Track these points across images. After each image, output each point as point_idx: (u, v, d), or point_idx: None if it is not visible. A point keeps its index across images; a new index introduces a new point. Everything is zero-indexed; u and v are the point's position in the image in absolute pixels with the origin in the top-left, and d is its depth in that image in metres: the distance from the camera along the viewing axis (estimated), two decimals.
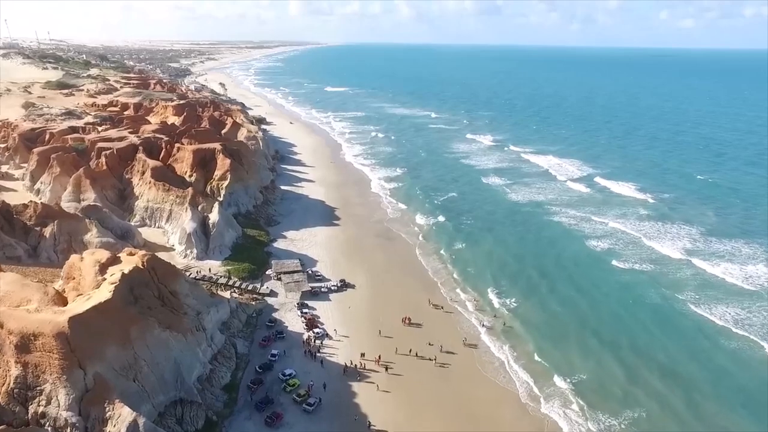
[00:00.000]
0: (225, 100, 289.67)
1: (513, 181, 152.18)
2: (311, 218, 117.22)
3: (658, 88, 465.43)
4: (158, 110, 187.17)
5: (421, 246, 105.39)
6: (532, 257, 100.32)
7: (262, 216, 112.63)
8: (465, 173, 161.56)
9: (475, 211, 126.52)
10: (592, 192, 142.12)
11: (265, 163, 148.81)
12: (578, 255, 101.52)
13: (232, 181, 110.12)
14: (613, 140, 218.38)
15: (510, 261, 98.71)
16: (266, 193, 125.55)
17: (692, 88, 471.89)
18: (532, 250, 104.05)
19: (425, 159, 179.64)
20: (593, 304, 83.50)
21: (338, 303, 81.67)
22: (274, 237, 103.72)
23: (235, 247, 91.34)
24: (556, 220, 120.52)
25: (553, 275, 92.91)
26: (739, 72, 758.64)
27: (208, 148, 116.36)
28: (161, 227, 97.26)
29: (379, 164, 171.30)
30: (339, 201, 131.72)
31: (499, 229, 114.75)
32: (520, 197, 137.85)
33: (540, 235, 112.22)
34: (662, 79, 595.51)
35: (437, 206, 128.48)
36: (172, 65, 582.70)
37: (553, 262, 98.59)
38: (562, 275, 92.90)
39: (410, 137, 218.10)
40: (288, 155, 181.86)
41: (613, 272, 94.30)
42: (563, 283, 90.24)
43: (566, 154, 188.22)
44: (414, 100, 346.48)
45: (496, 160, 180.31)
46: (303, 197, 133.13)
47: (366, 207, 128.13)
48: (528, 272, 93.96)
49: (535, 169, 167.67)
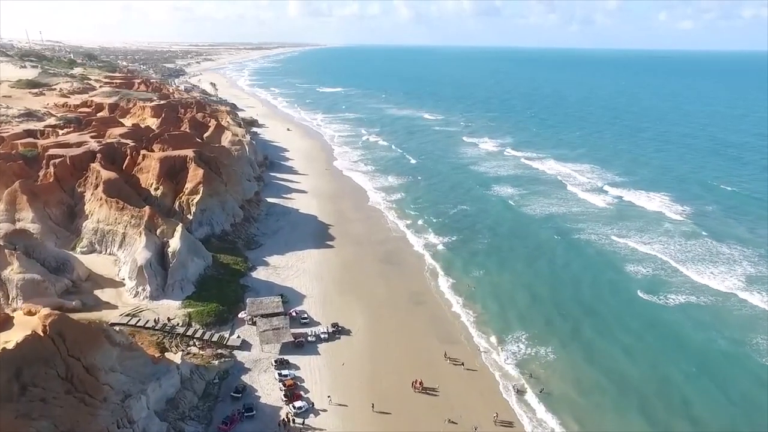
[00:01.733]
0: (215, 101, 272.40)
1: (523, 192, 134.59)
2: (300, 238, 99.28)
3: (659, 89, 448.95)
4: (135, 111, 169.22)
5: (431, 274, 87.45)
6: (560, 290, 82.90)
7: (241, 236, 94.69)
8: (471, 182, 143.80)
9: (488, 228, 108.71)
10: (607, 204, 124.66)
11: (251, 172, 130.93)
12: (608, 288, 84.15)
13: (204, 195, 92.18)
14: (620, 143, 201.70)
15: (535, 295, 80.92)
16: (249, 208, 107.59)
17: (694, 89, 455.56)
18: (557, 280, 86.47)
19: (427, 165, 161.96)
20: (639, 357, 65.73)
21: (329, 357, 63.77)
22: (253, 264, 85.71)
23: (202, 281, 73.31)
24: (576, 239, 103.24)
25: (587, 315, 75.69)
26: (739, 73, 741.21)
27: (179, 155, 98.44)
28: (114, 254, 79.29)
29: (378, 171, 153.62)
30: (333, 216, 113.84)
31: (518, 252, 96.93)
32: (534, 210, 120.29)
33: (563, 259, 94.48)
34: (662, 79, 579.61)
35: (445, 223, 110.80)
36: (168, 66, 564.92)
37: (583, 296, 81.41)
38: (596, 315, 75.94)
39: (410, 141, 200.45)
40: (279, 161, 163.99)
41: (653, 311, 77.22)
42: (597, 324, 73.41)
43: (573, 158, 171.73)
44: (414, 101, 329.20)
45: (501, 166, 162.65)
46: (292, 211, 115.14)
47: (364, 223, 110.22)
48: (557, 311, 76.36)
49: (543, 177, 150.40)
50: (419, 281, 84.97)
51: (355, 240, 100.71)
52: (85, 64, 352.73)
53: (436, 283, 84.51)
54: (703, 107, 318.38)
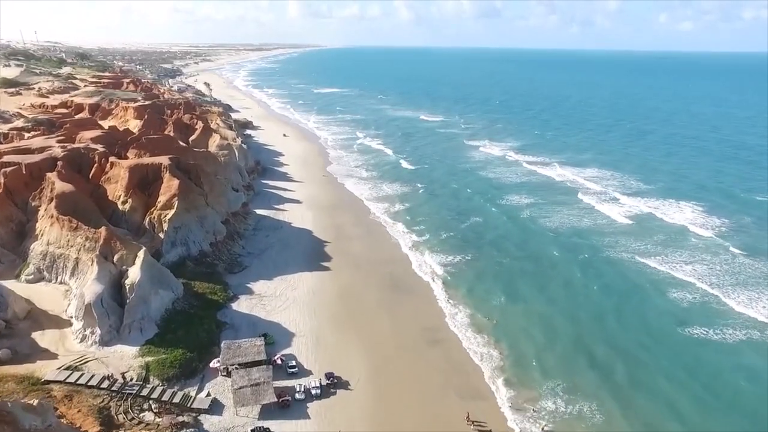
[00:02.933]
0: (209, 102, 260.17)
1: (533, 202, 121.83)
2: (292, 258, 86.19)
3: (661, 90, 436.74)
4: (117, 113, 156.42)
5: (443, 303, 74.33)
6: (591, 324, 70.74)
7: (222, 258, 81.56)
8: (476, 190, 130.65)
9: (500, 245, 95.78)
10: (625, 217, 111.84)
11: (239, 179, 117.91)
12: (643, 322, 71.65)
13: (180, 209, 79.09)
14: (627, 146, 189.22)
15: (566, 331, 68.50)
16: (234, 222, 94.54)
17: (698, 90, 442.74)
18: (586, 311, 74.01)
19: (428, 172, 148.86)
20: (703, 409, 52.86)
21: (322, 422, 50.69)
22: (234, 293, 72.64)
23: (168, 318, 60.16)
24: (597, 259, 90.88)
25: (625, 358, 63.25)
26: (741, 74, 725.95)
27: (152, 163, 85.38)
28: (65, 283, 66.19)
29: (378, 178, 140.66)
30: (330, 231, 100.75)
31: (538, 276, 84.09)
32: (548, 224, 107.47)
33: (587, 285, 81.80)
34: (663, 80, 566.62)
35: (453, 239, 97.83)
36: (165, 66, 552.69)
37: (617, 333, 68.96)
38: (634, 358, 63.17)
39: (411, 145, 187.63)
40: (272, 167, 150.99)
41: (697, 351, 64.62)
42: (637, 371, 60.70)
43: (581, 163, 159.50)
44: (414, 102, 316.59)
45: (507, 172, 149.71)
46: (284, 226, 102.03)
47: (364, 240, 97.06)
48: (594, 352, 64.03)
49: (551, 184, 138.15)
50: (430, 313, 71.88)
51: (354, 261, 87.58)
52: (75, 64, 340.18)
53: (450, 315, 71.41)
54: (709, 108, 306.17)
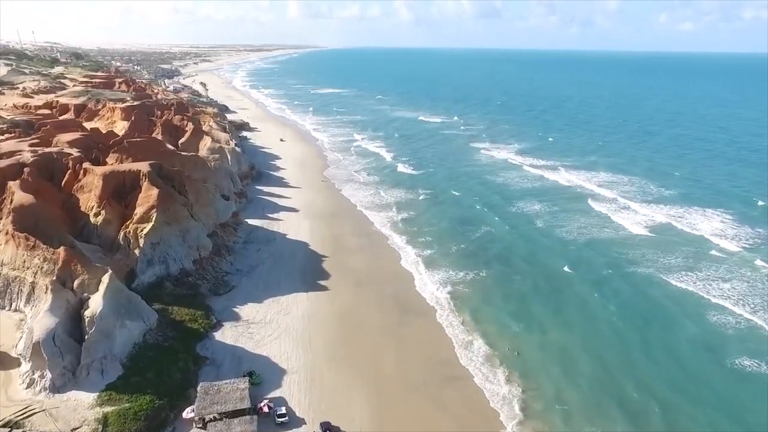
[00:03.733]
0: (205, 102, 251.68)
1: (544, 209, 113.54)
2: (286, 276, 77.34)
3: (663, 91, 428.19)
4: (104, 113, 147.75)
5: (457, 330, 65.40)
6: (617, 355, 61.96)
7: (206, 277, 72.65)
8: (483, 197, 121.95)
9: (512, 260, 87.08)
10: (643, 228, 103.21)
11: (230, 186, 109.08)
12: (679, 354, 62.60)
13: (159, 222, 70.29)
14: (634, 148, 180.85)
15: (589, 365, 59.94)
16: (222, 235, 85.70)
17: (700, 91, 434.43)
18: (612, 338, 65.48)
19: (431, 177, 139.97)
20: None
21: None
22: (218, 319, 63.78)
23: (137, 355, 51.27)
24: (619, 276, 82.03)
25: (674, 398, 54.25)
26: (743, 75, 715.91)
27: (130, 170, 76.56)
28: (20, 311, 57.35)
29: (379, 184, 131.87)
30: (329, 242, 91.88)
31: (556, 294, 75.82)
32: (562, 234, 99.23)
33: (613, 305, 73.30)
34: (665, 81, 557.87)
35: (463, 252, 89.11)
36: (164, 66, 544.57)
37: (653, 369, 59.36)
38: (674, 400, 54.11)
39: (412, 147, 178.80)
40: (268, 171, 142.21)
41: (757, 393, 55.19)
42: (682, 417, 51.84)
43: (588, 167, 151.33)
44: (415, 103, 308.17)
45: (514, 176, 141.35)
46: (278, 238, 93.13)
47: (365, 254, 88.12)
48: (629, 389, 55.13)
49: (559, 190, 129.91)
50: (439, 343, 62.94)
51: (354, 278, 78.67)
52: (69, 64, 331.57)
53: (461, 344, 62.48)
54: (713, 109, 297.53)
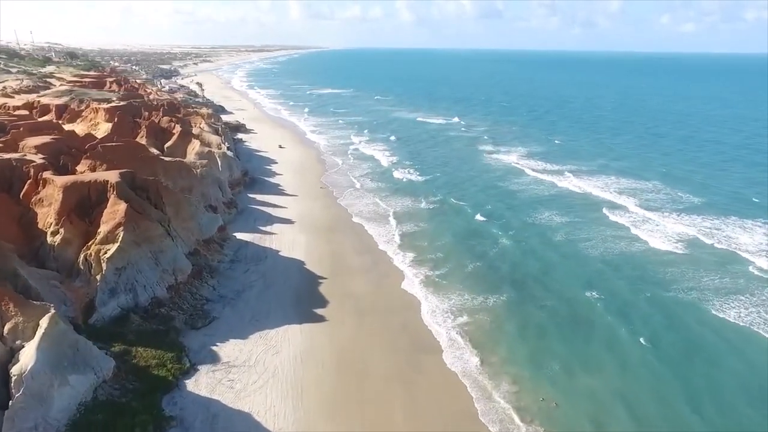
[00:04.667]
0: (201, 102, 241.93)
1: (556, 221, 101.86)
2: (276, 304, 66.78)
3: (667, 91, 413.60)
4: (87, 114, 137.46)
5: (479, 373, 54.81)
6: (663, 410, 50.12)
7: (183, 306, 62.05)
8: (494, 205, 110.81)
9: (528, 281, 75.83)
10: (669, 241, 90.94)
11: (218, 195, 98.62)
12: (739, 410, 50.79)
13: (126, 243, 59.78)
14: (644, 151, 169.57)
15: (636, 424, 48.31)
16: (205, 253, 75.18)
17: (704, 91, 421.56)
18: (652, 386, 53.43)
19: (437, 184, 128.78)
20: None
21: None
22: (193, 362, 53.13)
23: (80, 421, 40.43)
24: (650, 301, 69.86)
25: None
26: (746, 75, 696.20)
27: (95, 181, 66.05)
28: None
29: (381, 191, 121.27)
30: (327, 261, 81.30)
31: (580, 326, 64.28)
32: (580, 250, 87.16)
33: (647, 340, 61.27)
34: (667, 81, 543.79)
35: (472, 273, 77.91)
36: (163, 67, 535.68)
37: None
38: None
39: (416, 150, 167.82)
40: (263, 176, 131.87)
41: None
42: None
43: (599, 172, 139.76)
44: (416, 103, 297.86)
45: (521, 184, 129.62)
46: (270, 255, 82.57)
47: (370, 274, 77.52)
48: None
49: (572, 197, 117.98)
50: (459, 393, 52.15)
51: (356, 305, 68.02)
52: (62, 63, 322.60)
53: (483, 393, 51.86)
54: (720, 110, 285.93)
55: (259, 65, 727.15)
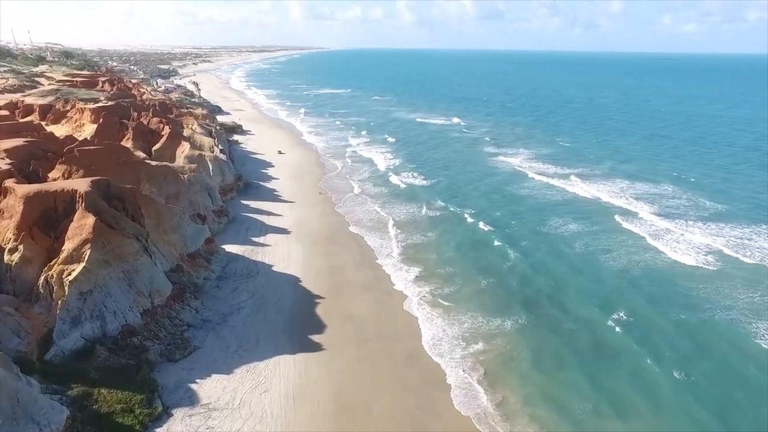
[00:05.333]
0: (197, 103, 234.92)
1: (572, 229, 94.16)
2: (267, 330, 59.41)
3: (670, 92, 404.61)
4: (73, 115, 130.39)
5: (490, 420, 47.49)
6: None
7: (160, 334, 54.71)
8: (499, 214, 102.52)
9: (542, 302, 67.85)
10: (693, 255, 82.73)
11: (208, 203, 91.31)
12: None
13: (92, 263, 52.52)
14: (653, 154, 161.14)
15: None
16: (189, 270, 67.88)
17: (708, 91, 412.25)
18: None
19: (441, 188, 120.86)
20: None
21: None
22: (166, 404, 45.68)
23: None
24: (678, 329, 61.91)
25: None
26: (750, 76, 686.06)
27: (62, 190, 58.80)
28: None
29: (382, 197, 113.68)
30: (325, 278, 73.98)
31: (614, 360, 56.40)
32: (595, 266, 79.06)
33: (697, 378, 53.35)
34: (670, 82, 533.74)
35: (486, 294, 69.89)
36: (162, 67, 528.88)
37: None
38: None
39: (418, 153, 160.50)
40: (258, 181, 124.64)
41: None
42: None
43: (608, 176, 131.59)
44: (417, 104, 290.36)
45: (527, 189, 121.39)
46: (262, 270, 75.23)
47: (372, 293, 70.03)
48: None
49: (582, 204, 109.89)
50: None
51: (356, 331, 60.62)
52: (55, 62, 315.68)
53: None
54: (728, 111, 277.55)
55: (261, 66, 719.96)
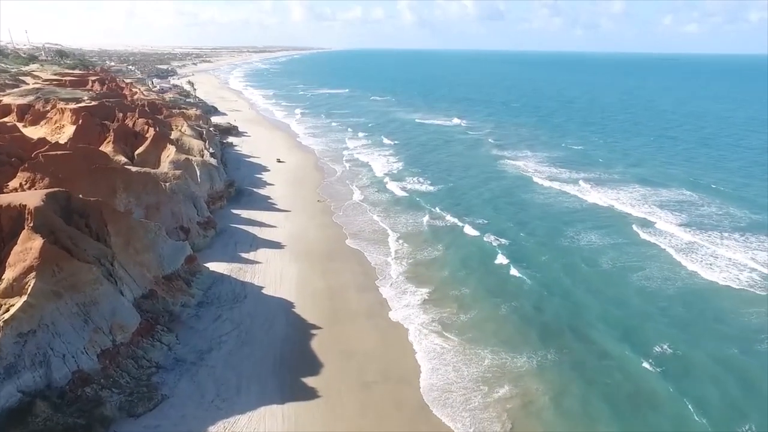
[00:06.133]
0: (191, 103, 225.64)
1: (588, 242, 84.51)
2: (252, 374, 49.69)
3: (674, 92, 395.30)
4: (53, 115, 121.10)
5: None
6: None
7: (121, 380, 45.02)
8: (507, 225, 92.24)
9: (571, 332, 58.28)
10: (726, 275, 73.13)
11: (192, 214, 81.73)
12: None
13: (37, 296, 43.03)
14: (663, 157, 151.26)
15: None
16: (164, 296, 58.31)
17: (712, 91, 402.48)
18: None
19: (446, 195, 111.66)
20: None
21: None
22: None
23: None
24: (733, 361, 54.04)
25: None
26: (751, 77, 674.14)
27: (8, 206, 49.25)
28: None
29: (384, 205, 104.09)
30: (323, 304, 64.32)
31: (653, 411, 46.76)
32: (626, 286, 69.69)
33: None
34: (671, 82, 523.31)
35: (499, 322, 60.28)
36: (161, 67, 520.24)
37: None
38: None
39: (419, 155, 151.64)
40: (251, 187, 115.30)
41: None
42: None
43: (620, 182, 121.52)
44: (418, 104, 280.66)
45: (538, 195, 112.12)
46: (251, 293, 65.56)
47: (373, 325, 60.10)
48: None
49: (598, 213, 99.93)
50: None
51: (358, 372, 50.83)
52: (47, 61, 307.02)
53: None
54: (737, 112, 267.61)
55: (261, 66, 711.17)
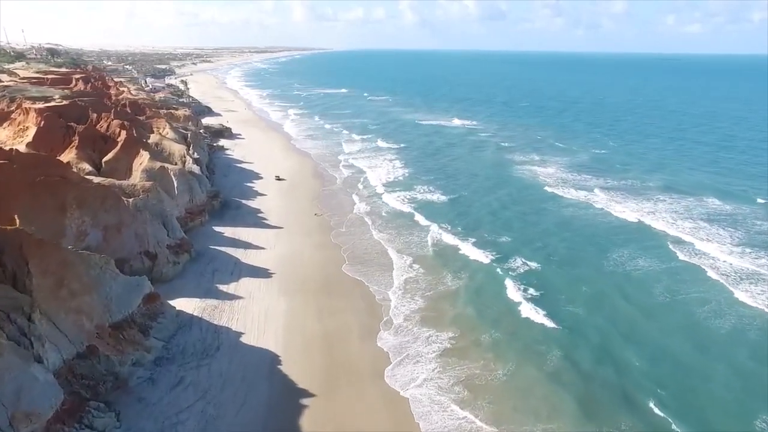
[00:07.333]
0: (183, 103, 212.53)
1: (629, 271, 70.14)
2: None
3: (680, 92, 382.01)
4: (17, 116, 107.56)
5: None
6: None
7: None
8: (529, 250, 76.50)
9: (638, 413, 43.88)
10: None
11: (162, 236, 67.89)
12: None
13: None
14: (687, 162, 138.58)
15: None
16: (107, 351, 44.60)
17: (719, 92, 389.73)
18: None
19: (450, 207, 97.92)
20: None
21: None
22: None
23: None
24: None
25: None
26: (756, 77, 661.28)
27: None
28: None
29: (389, 221, 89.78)
30: (316, 354, 50.39)
31: None
32: (671, 330, 56.22)
33: None
34: (675, 82, 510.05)
35: (540, 388, 46.38)
36: (160, 67, 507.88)
37: None
38: None
39: (424, 158, 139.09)
40: (240, 198, 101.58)
41: None
42: None
43: (643, 191, 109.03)
44: (419, 105, 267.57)
45: (554, 207, 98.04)
46: (225, 344, 51.54)
47: (379, 391, 45.84)
48: None
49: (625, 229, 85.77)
50: None
51: None
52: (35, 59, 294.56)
53: None
54: (747, 112, 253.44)
55: (261, 66, 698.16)
